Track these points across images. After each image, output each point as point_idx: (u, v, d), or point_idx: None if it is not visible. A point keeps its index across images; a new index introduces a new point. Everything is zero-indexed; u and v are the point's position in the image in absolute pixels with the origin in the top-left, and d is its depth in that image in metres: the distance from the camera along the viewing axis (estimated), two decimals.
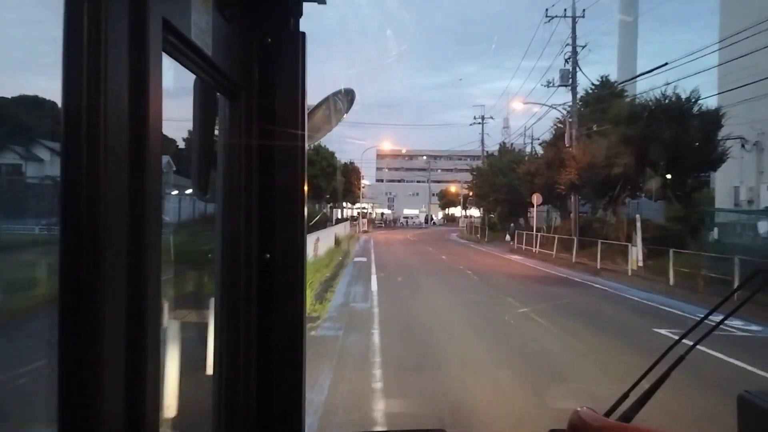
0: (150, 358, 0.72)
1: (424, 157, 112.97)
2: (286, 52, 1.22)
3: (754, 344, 9.37)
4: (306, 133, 1.25)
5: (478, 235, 45.88)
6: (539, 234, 29.97)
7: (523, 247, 31.47)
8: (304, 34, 1.24)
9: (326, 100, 1.73)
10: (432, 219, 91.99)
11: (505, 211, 43.35)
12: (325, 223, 32.80)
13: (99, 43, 0.64)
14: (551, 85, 28.72)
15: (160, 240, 0.77)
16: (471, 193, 56.94)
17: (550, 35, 46.72)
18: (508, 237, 35.77)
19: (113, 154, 0.66)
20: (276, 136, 1.22)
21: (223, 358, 1.18)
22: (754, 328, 10.46)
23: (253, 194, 1.20)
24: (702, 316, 1.29)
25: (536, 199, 30.96)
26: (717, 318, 1.27)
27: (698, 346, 1.22)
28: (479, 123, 61.70)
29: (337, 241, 29.40)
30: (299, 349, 1.24)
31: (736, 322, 10.46)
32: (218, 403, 1.17)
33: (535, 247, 29.41)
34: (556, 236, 27.34)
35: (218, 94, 1.17)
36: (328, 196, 46.70)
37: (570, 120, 27.98)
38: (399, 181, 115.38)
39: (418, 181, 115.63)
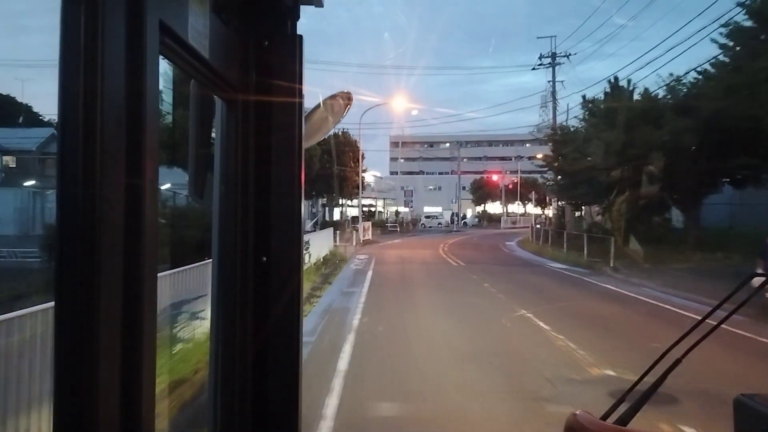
0: (146, 358, 0.72)
1: (447, 144, 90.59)
2: (284, 55, 1.22)
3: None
4: (303, 136, 1.25)
5: (581, 252, 23.33)
6: None
7: None
8: (301, 36, 1.24)
9: (324, 102, 1.75)
10: (463, 218, 68.72)
11: (654, 198, 20.61)
12: None
13: (96, 45, 0.64)
14: None
15: (158, 242, 0.77)
16: (540, 176, 34.37)
17: None
18: None
19: (110, 157, 0.66)
20: (273, 139, 1.21)
21: (219, 363, 1.18)
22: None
23: (250, 198, 1.20)
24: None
25: None
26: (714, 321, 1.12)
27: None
28: (548, 65, 39.07)
29: None
30: (296, 354, 1.22)
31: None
32: (214, 409, 1.18)
33: None
34: None
35: (215, 96, 1.18)
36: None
37: None
38: (417, 173, 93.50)
39: (440, 173, 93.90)
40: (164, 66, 0.83)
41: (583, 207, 29.39)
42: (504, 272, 19.21)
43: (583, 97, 27.57)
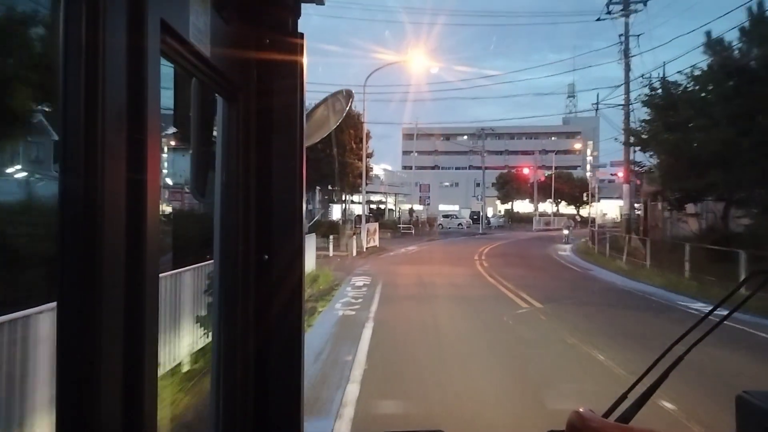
0: (148, 358, 0.72)
1: (465, 137, 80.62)
2: (285, 53, 1.22)
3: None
4: (305, 134, 1.24)
5: (722, 280, 13.58)
6: None
7: None
8: (302, 34, 1.24)
9: (325, 100, 1.74)
10: (486, 218, 58.57)
11: None
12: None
13: (97, 44, 0.64)
14: None
15: (159, 242, 0.76)
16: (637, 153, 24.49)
17: None
18: None
19: (112, 155, 0.66)
20: (274, 137, 1.22)
21: (221, 361, 1.18)
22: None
23: (251, 195, 1.20)
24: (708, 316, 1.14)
25: None
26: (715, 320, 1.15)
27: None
28: (620, 14, 29.14)
29: None
30: (297, 351, 1.22)
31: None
32: (216, 406, 1.17)
33: None
34: None
35: (216, 95, 1.17)
36: None
37: None
38: (432, 167, 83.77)
39: (457, 168, 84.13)
40: (165, 64, 0.81)
41: (694, 204, 19.57)
42: (643, 331, 9.46)
43: (707, 33, 17.73)
